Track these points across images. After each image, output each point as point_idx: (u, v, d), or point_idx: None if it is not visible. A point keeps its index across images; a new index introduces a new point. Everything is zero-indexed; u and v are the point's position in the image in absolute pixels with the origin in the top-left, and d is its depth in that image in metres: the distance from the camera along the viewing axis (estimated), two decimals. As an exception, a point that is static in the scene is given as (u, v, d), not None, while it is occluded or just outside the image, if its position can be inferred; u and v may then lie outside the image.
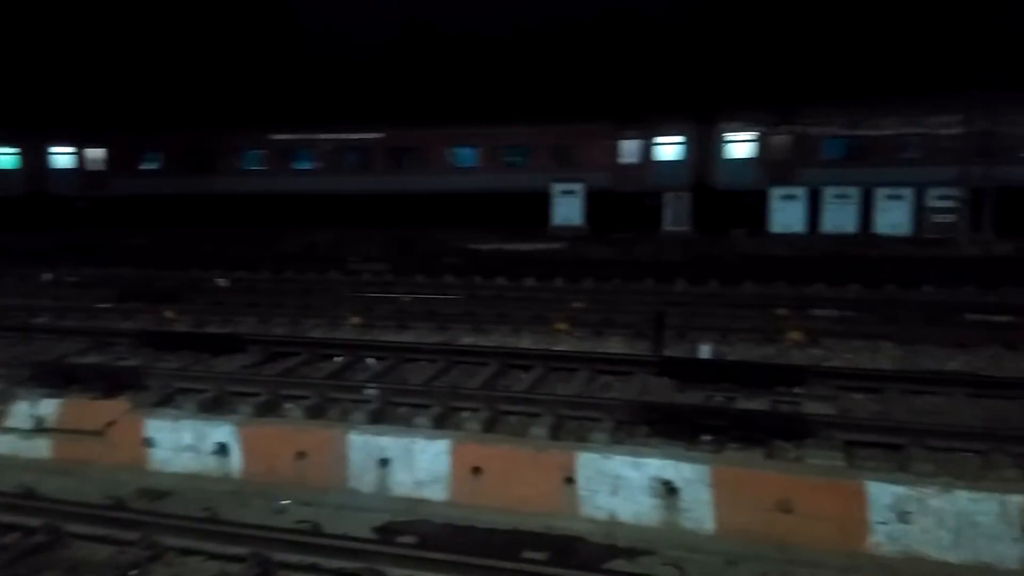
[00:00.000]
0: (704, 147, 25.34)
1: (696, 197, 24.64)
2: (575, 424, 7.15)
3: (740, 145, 25.14)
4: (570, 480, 6.00)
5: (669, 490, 5.74)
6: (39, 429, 7.61)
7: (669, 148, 25.77)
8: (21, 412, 7.79)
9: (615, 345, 10.24)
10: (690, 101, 26.64)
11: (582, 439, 6.70)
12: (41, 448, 7.43)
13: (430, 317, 11.83)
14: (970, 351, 9.41)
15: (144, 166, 30.95)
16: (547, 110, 27.98)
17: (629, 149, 26.04)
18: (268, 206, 28.35)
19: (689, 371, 8.31)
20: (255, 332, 11.21)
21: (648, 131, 25.90)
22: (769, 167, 24.58)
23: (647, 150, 25.91)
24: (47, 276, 16.95)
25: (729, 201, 24.29)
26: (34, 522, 5.74)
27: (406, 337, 10.88)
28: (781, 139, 24.78)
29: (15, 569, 5.31)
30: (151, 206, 29.52)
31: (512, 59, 32.87)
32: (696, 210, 23.36)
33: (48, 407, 7.76)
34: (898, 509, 5.35)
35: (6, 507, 5.93)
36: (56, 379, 8.53)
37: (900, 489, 5.38)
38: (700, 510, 5.69)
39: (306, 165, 29.41)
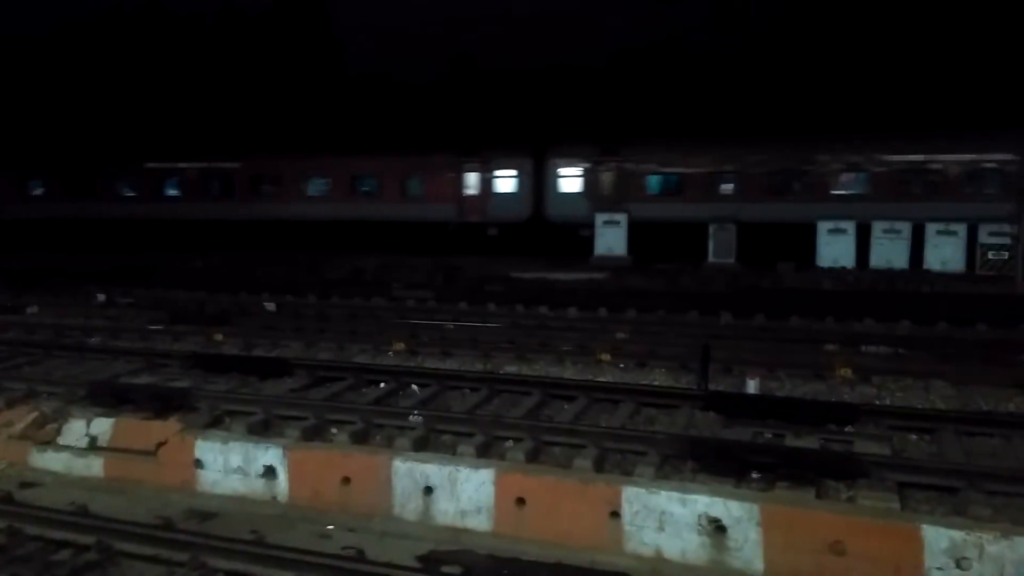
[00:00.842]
0: (538, 181, 26.50)
1: (531, 229, 26.22)
2: (619, 457, 7.10)
3: (570, 179, 26.23)
4: (616, 514, 5.93)
5: (717, 528, 5.64)
6: (93, 448, 7.78)
7: (506, 181, 26.93)
8: (76, 430, 7.98)
9: (659, 377, 10.15)
10: (525, 136, 28.12)
11: (627, 472, 6.64)
12: (94, 466, 7.58)
13: (473, 345, 11.87)
14: (1028, 392, 9.13)
15: (33, 192, 32.71)
16: (398, 142, 29.63)
17: (470, 181, 27.19)
18: (142, 231, 29.88)
19: (736, 406, 8.20)
20: (301, 356, 11.36)
21: (487, 164, 27.02)
22: (596, 201, 25.66)
23: (486, 183, 27.05)
24: (101, 297, 17.41)
25: (562, 233, 25.65)
26: (87, 540, 5.86)
27: (449, 364, 10.92)
28: (607, 174, 25.85)
29: (68, 585, 5.41)
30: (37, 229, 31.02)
31: (373, 95, 34.32)
32: (740, 243, 23.16)
33: (102, 426, 7.94)
34: (955, 555, 5.18)
35: (60, 524, 6.07)
36: (110, 399, 8.75)
37: (958, 534, 5.21)
38: (749, 550, 5.58)
39: (174, 192, 30.87)
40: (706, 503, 5.72)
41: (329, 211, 28.27)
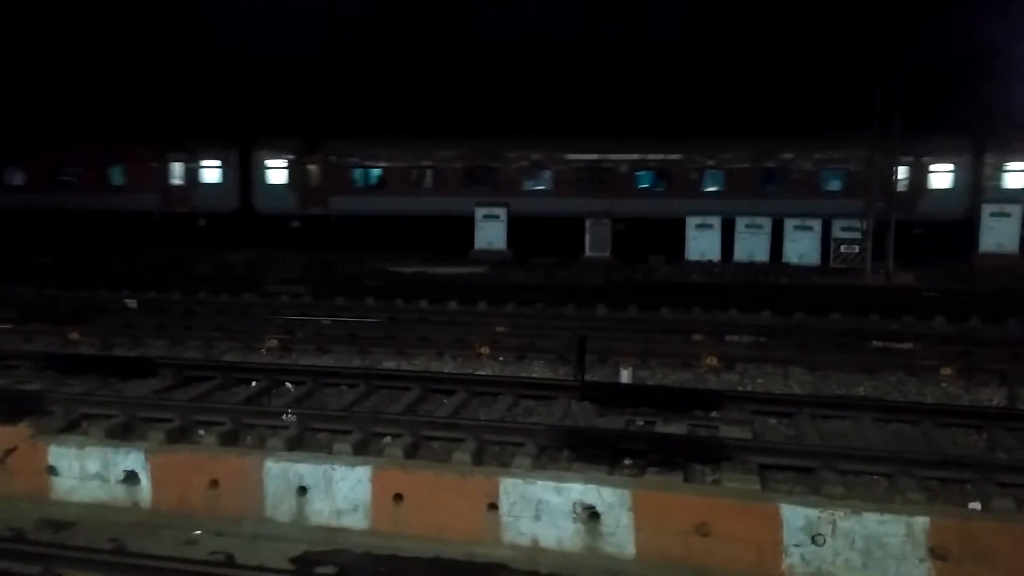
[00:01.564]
0: (246, 172, 27.35)
1: (240, 219, 26.83)
2: (498, 449, 7.16)
3: (276, 171, 27.16)
4: (494, 506, 5.98)
5: (591, 515, 5.79)
6: (-72, 458, 7.13)
7: (211, 172, 27.33)
8: (-93, 440, 7.29)
9: (538, 369, 10.30)
10: (231, 127, 28.48)
11: (505, 464, 6.70)
12: (-70, 478, 6.96)
13: (351, 340, 11.66)
14: (875, 377, 9.84)
15: None
16: (98, 131, 29.15)
17: (176, 172, 27.67)
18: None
19: (610, 395, 8.43)
20: (166, 355, 10.82)
21: (192, 155, 27.58)
22: (302, 193, 26.77)
23: (192, 173, 27.60)
24: (-61, 294, 15.99)
25: (273, 225, 26.68)
26: (-80, 558, 5.38)
27: (326, 361, 10.69)
28: (313, 167, 27.03)
29: (-103, 610, 4.95)
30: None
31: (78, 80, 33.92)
32: (615, 237, 23.88)
33: (-61, 434, 7.28)
34: (811, 531, 5.53)
35: None
36: (-52, 404, 8.03)
37: (813, 512, 5.56)
38: (621, 535, 5.76)
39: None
40: (580, 491, 5.86)
41: (31, 202, 27.67)
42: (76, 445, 6.88)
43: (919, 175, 24.05)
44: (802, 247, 22.51)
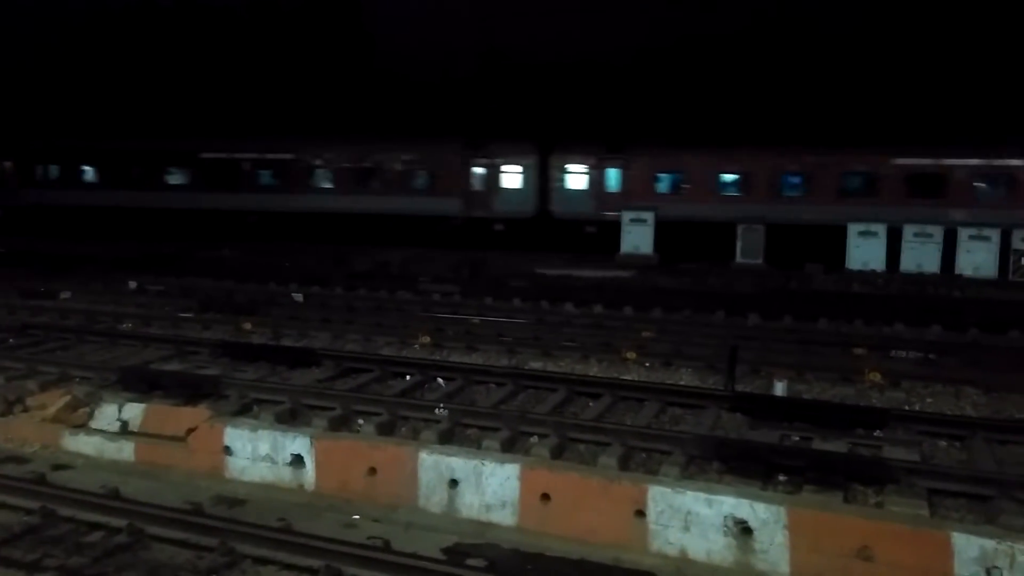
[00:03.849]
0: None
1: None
2: (644, 456, 7.09)
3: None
4: (641, 513, 5.92)
5: (743, 529, 5.62)
6: (124, 432, 7.90)
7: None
8: (107, 415, 8.11)
9: (685, 377, 10.10)
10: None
11: (653, 472, 6.63)
12: (125, 450, 7.70)
13: (498, 340, 11.88)
14: (1062, 401, 8.98)
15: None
16: None
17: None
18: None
19: (763, 408, 8.16)
20: (329, 347, 11.43)
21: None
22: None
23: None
24: (132, 284, 17.64)
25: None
26: (118, 522, 5.95)
27: (475, 358, 10.95)
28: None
29: (100, 567, 5.49)
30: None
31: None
32: (769, 244, 23.00)
33: (133, 411, 8.05)
34: (986, 564, 5.12)
35: (92, 506, 6.17)
36: (141, 384, 8.88)
37: (989, 543, 5.15)
38: (775, 552, 5.55)
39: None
40: (732, 504, 5.70)
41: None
42: (249, 428, 7.40)
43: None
44: (977, 258, 20.85)
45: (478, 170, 27.48)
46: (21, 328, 12.17)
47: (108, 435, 7.88)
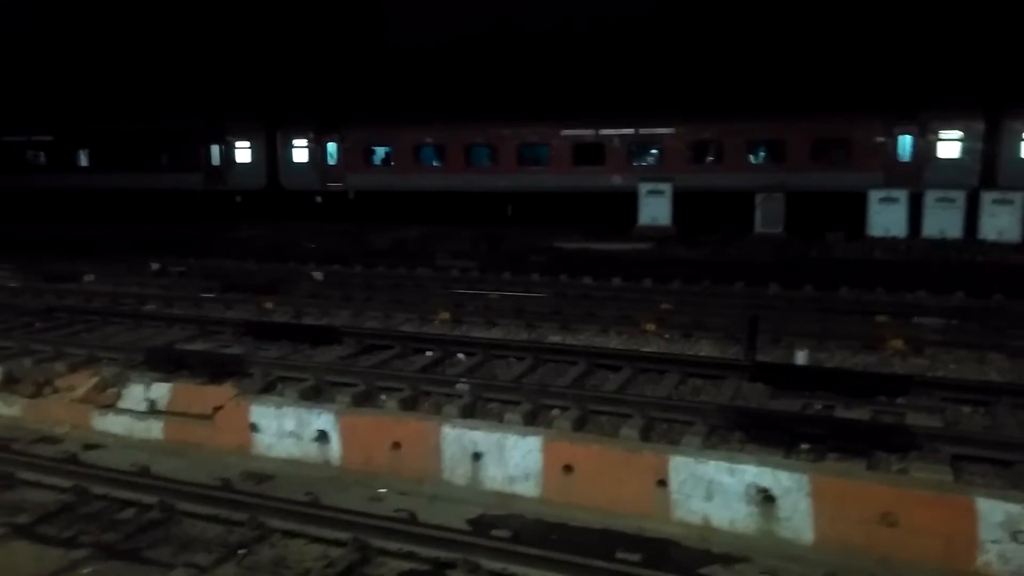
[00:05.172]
0: None
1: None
2: (666, 427, 7.12)
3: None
4: (663, 483, 5.96)
5: (766, 498, 5.64)
6: (152, 411, 8.04)
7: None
8: (135, 395, 8.25)
9: (705, 348, 10.10)
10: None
11: (674, 442, 6.66)
12: (154, 429, 7.84)
13: (518, 314, 11.91)
14: (1088, 366, 8.89)
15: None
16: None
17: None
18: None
19: (784, 377, 8.14)
20: (350, 324, 11.53)
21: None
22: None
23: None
24: (155, 266, 17.83)
25: None
26: (150, 499, 6.08)
27: (494, 333, 11.00)
28: None
29: (133, 543, 5.63)
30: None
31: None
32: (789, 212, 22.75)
33: (160, 390, 8.19)
34: (1011, 528, 5.12)
35: (124, 484, 6.30)
36: (166, 364, 9.01)
37: (1014, 507, 5.14)
38: (799, 520, 5.58)
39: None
40: (755, 473, 5.72)
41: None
42: (274, 405, 7.50)
43: None
44: (1001, 222, 20.54)
45: (215, 147, 29.88)
46: (47, 311, 12.37)
47: (136, 415, 8.02)
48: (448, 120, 27.80)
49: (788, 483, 5.62)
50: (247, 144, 29.64)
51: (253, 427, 7.45)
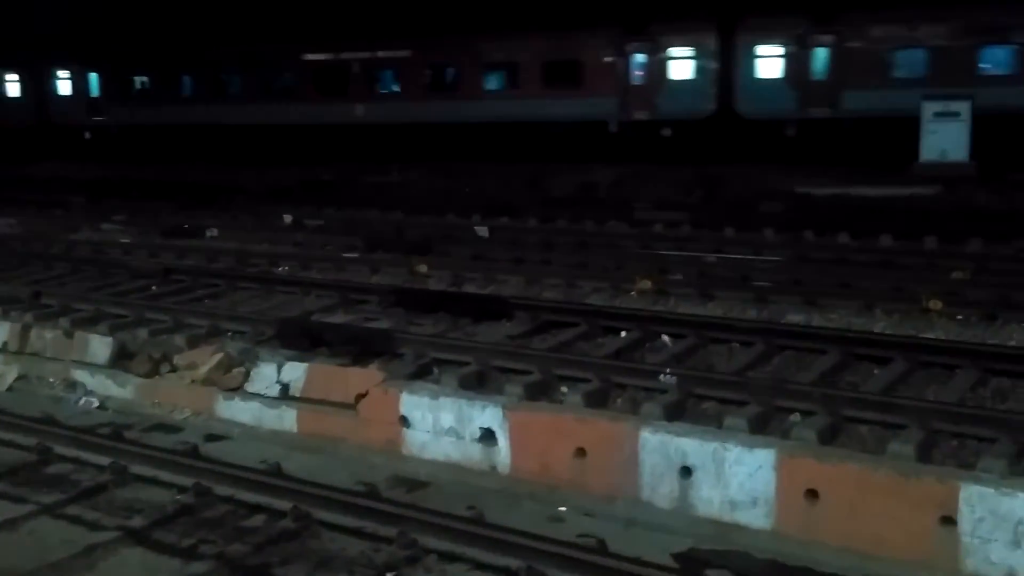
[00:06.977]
0: None
1: None
2: (955, 444, 6.81)
3: None
4: (949, 520, 5.71)
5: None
6: (284, 397, 8.61)
7: None
8: (265, 376, 8.87)
9: (1015, 335, 9.51)
10: None
11: (967, 466, 6.33)
12: (286, 419, 8.41)
13: (743, 285, 11.75)
14: None
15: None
16: None
17: None
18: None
19: None
20: (522, 295, 11.78)
21: None
22: None
23: None
24: (287, 219, 19.03)
25: None
26: (282, 505, 6.54)
27: (711, 310, 10.89)
28: None
29: (263, 556, 6.07)
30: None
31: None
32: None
33: (294, 372, 8.76)
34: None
35: (252, 485, 6.81)
36: (301, 340, 9.59)
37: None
38: None
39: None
40: (1086, 514, 5.32)
41: None
42: (430, 395, 7.81)
43: None
44: None
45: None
46: (164, 273, 13.53)
47: (267, 400, 8.63)
48: None
49: None
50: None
51: (404, 420, 7.80)
